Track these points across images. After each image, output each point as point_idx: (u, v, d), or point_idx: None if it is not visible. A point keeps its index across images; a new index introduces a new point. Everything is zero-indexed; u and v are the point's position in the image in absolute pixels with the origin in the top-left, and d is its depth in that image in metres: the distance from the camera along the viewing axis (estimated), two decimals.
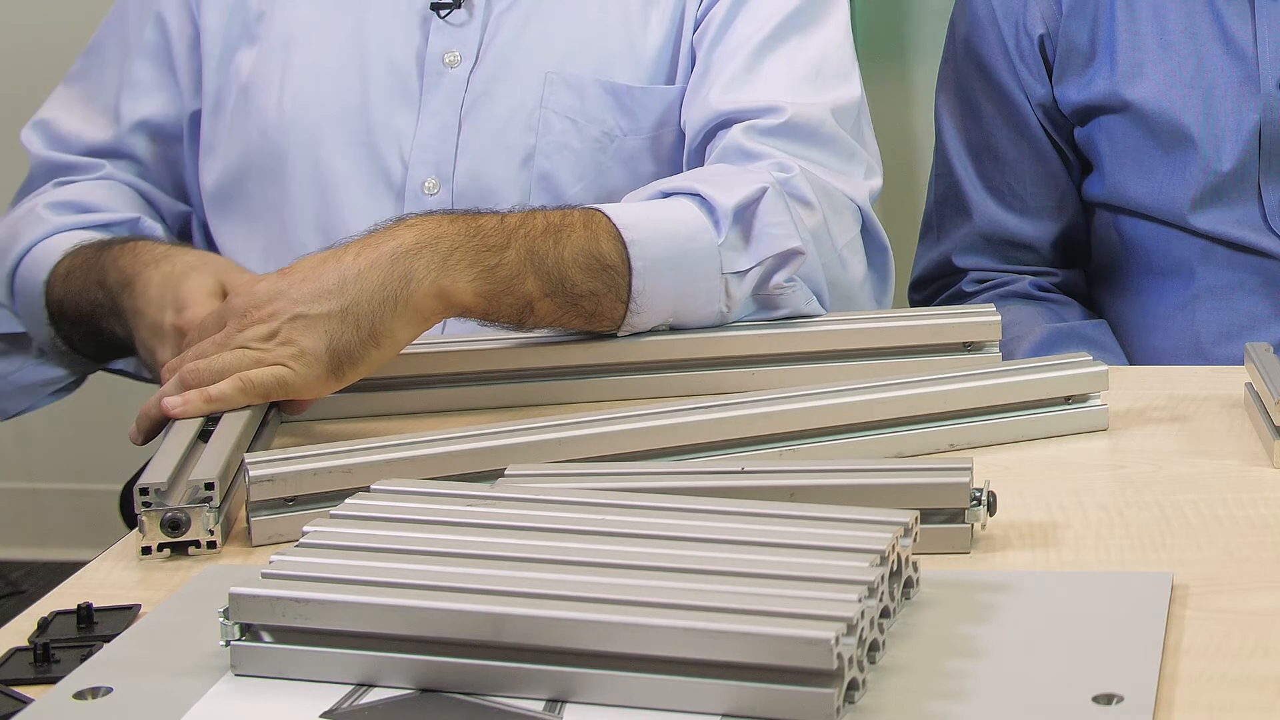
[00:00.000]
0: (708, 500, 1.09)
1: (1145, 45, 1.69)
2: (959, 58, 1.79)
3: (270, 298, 1.37)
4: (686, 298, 1.47)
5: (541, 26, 1.68)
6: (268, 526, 1.22)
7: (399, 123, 1.67)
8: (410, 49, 1.68)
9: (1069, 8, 1.72)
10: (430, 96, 1.67)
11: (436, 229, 1.40)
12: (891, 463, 1.18)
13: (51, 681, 1.01)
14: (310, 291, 1.37)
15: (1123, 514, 1.20)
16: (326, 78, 1.68)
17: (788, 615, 0.93)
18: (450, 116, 1.66)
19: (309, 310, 1.36)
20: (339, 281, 1.37)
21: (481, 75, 1.67)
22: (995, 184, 1.79)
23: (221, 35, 1.71)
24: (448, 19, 1.67)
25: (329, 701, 0.97)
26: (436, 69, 1.67)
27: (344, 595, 0.99)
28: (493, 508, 1.09)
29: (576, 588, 0.97)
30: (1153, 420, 1.37)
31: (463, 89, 1.67)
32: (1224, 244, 1.68)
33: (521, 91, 1.67)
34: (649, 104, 1.68)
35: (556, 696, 0.96)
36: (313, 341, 1.36)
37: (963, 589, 1.07)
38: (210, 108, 1.71)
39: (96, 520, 1.91)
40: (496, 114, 1.67)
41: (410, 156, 1.66)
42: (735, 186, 1.50)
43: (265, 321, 1.37)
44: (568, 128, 1.67)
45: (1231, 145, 1.66)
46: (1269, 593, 1.07)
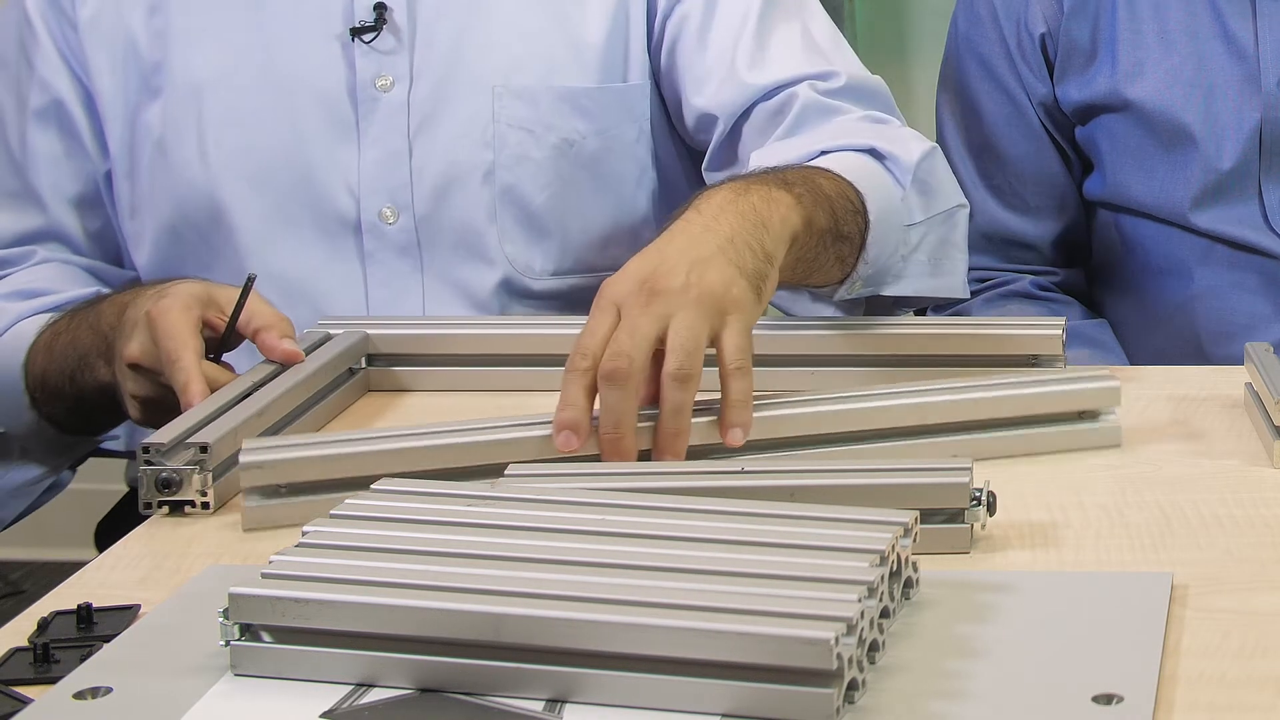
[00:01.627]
0: (708, 500, 1.09)
1: (1146, 44, 1.69)
2: (960, 56, 1.80)
3: (655, 263, 1.27)
4: (886, 248, 1.49)
5: (477, 40, 1.64)
6: (259, 513, 1.23)
7: (340, 155, 1.62)
8: (336, 78, 1.63)
9: (1070, 7, 1.72)
10: (369, 124, 1.62)
11: (736, 184, 1.37)
12: (891, 463, 1.18)
13: (51, 681, 1.01)
14: (686, 242, 1.30)
15: (1123, 514, 1.20)
16: (249, 121, 1.62)
17: (788, 615, 0.93)
18: (397, 142, 1.62)
19: (701, 253, 1.28)
20: (703, 228, 1.31)
21: (422, 96, 1.63)
22: (996, 183, 1.79)
23: (120, 94, 1.64)
24: (372, 43, 1.62)
25: (329, 701, 0.97)
26: (370, 95, 1.62)
27: (344, 595, 0.99)
28: (493, 508, 1.09)
29: (576, 588, 0.97)
30: (1153, 420, 1.37)
31: (404, 112, 1.62)
32: (1224, 243, 1.68)
33: (470, 108, 1.63)
34: (604, 103, 1.66)
35: (556, 696, 0.96)
36: (727, 272, 1.28)
37: (963, 589, 1.07)
38: (123, 170, 1.65)
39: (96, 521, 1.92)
40: (447, 133, 1.63)
41: (360, 188, 1.62)
42: (908, 143, 1.55)
43: (669, 277, 1.26)
44: (524, 138, 1.64)
45: (1232, 144, 1.66)
46: (1269, 593, 1.07)
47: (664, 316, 1.25)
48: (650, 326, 1.24)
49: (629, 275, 1.27)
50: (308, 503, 1.23)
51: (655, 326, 1.24)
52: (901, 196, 1.52)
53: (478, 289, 1.64)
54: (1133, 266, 1.75)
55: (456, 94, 1.63)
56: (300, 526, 1.08)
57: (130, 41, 1.64)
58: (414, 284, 1.63)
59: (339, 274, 1.62)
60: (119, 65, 1.64)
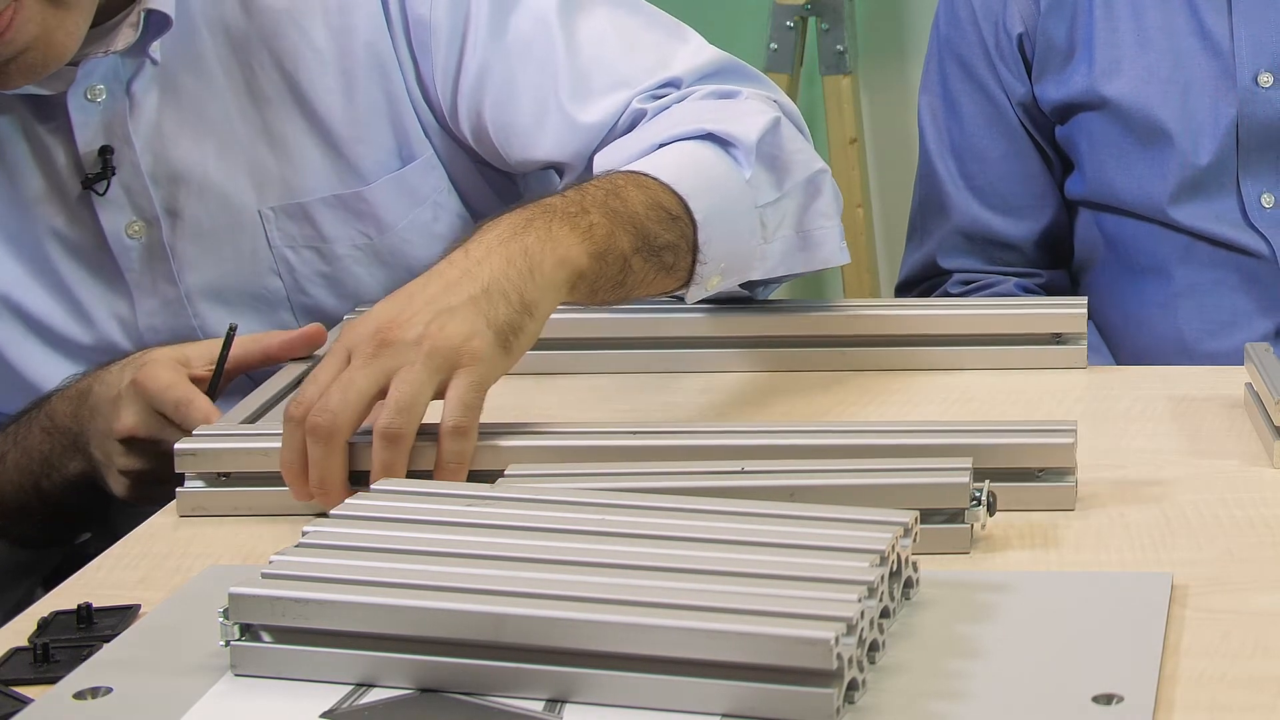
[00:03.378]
0: (708, 500, 1.09)
1: (1123, 42, 1.70)
2: (941, 58, 1.80)
3: (398, 310, 1.21)
4: (734, 239, 1.41)
5: (225, 167, 1.54)
6: (190, 500, 1.26)
7: (117, 310, 1.54)
8: (89, 233, 1.52)
9: (1047, 6, 1.72)
10: (135, 275, 1.53)
11: (518, 217, 1.28)
12: (892, 463, 1.18)
13: (51, 681, 1.01)
14: (440, 288, 1.22)
15: (1123, 514, 1.20)
16: (24, 291, 1.53)
17: (788, 615, 0.93)
18: (169, 289, 1.54)
19: (450, 302, 1.21)
20: (463, 272, 1.23)
21: (183, 236, 1.53)
22: (978, 183, 1.79)
23: None
24: (106, 194, 1.50)
25: (329, 701, 0.97)
26: (124, 245, 1.52)
27: (344, 595, 0.99)
28: (493, 508, 1.09)
29: (576, 588, 0.97)
30: (1153, 420, 1.37)
31: (168, 258, 1.53)
32: (1204, 240, 1.69)
33: (242, 239, 1.54)
34: (382, 199, 1.56)
35: (556, 696, 0.96)
36: (470, 324, 1.21)
37: (963, 589, 1.07)
38: None
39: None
40: (225, 270, 1.54)
41: (145, 340, 1.52)
42: (746, 119, 1.45)
43: (405, 328, 1.20)
44: (310, 257, 1.55)
45: (1209, 140, 1.67)
46: (1269, 593, 1.07)
47: (388, 370, 1.19)
48: (367, 381, 1.18)
49: (369, 320, 1.22)
50: (253, 494, 1.25)
51: (373, 382, 1.19)
52: (747, 179, 1.43)
53: None
54: (1115, 265, 1.75)
55: (220, 228, 1.54)
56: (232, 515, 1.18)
57: None
58: None
59: None
60: None
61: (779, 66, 2.81)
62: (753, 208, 1.43)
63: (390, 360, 1.19)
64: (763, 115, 1.46)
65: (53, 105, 1.51)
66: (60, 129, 1.52)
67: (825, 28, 2.80)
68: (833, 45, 2.81)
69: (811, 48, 2.84)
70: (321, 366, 1.21)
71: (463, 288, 1.22)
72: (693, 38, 1.57)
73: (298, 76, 1.54)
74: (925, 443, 1.20)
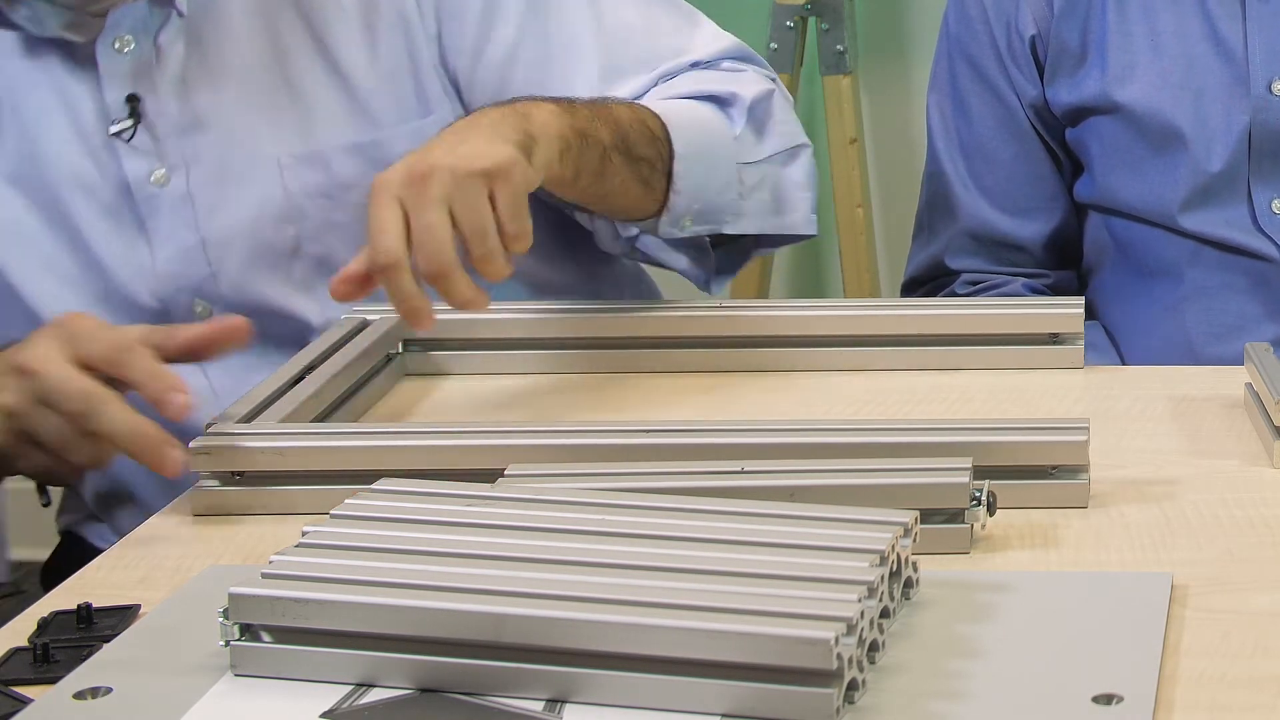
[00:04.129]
0: (708, 500, 1.09)
1: (1136, 47, 1.69)
2: (951, 57, 1.80)
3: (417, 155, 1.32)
4: (711, 184, 1.51)
5: (245, 116, 1.56)
6: (204, 499, 1.27)
7: (135, 258, 1.55)
8: (111, 181, 1.54)
9: (1060, 9, 1.72)
10: (155, 222, 1.54)
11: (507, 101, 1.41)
12: (891, 463, 1.18)
13: (51, 681, 1.01)
14: (447, 134, 1.36)
15: (1123, 514, 1.20)
16: (34, 239, 1.55)
17: (788, 615, 0.93)
18: (189, 236, 1.55)
19: (462, 136, 1.34)
20: (466, 124, 1.37)
21: (203, 184, 1.55)
22: (986, 184, 1.79)
23: None
24: (132, 142, 1.53)
25: (329, 701, 0.97)
26: (147, 193, 1.54)
27: (344, 595, 0.99)
28: (493, 508, 1.09)
29: (576, 588, 0.97)
30: (1153, 420, 1.37)
31: (189, 205, 1.55)
32: (1213, 245, 1.68)
33: (259, 187, 1.55)
34: (400, 149, 1.51)
35: (556, 696, 0.96)
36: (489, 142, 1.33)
37: (963, 589, 1.07)
38: None
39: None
40: (241, 218, 1.55)
41: (164, 288, 1.54)
42: (745, 84, 1.57)
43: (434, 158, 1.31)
44: (325, 205, 1.56)
45: (1221, 146, 1.66)
46: (1269, 593, 1.07)
47: (445, 199, 1.29)
48: (441, 217, 1.28)
49: (396, 170, 1.31)
50: (256, 492, 1.27)
51: (443, 213, 1.29)
52: (735, 135, 1.53)
53: None
54: (1124, 268, 1.75)
55: (240, 176, 1.55)
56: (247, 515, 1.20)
57: None
58: (253, 361, 1.52)
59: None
60: None
61: (779, 66, 2.80)
62: (734, 162, 1.53)
63: (438, 188, 1.29)
64: (760, 85, 1.57)
65: (80, 55, 1.55)
66: (87, 78, 1.55)
67: (825, 28, 2.80)
68: (833, 45, 2.81)
69: (811, 48, 2.84)
70: (380, 217, 1.29)
71: (469, 129, 1.35)
72: (705, 22, 1.64)
73: (321, 29, 1.57)
74: (931, 440, 1.20)
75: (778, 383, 1.49)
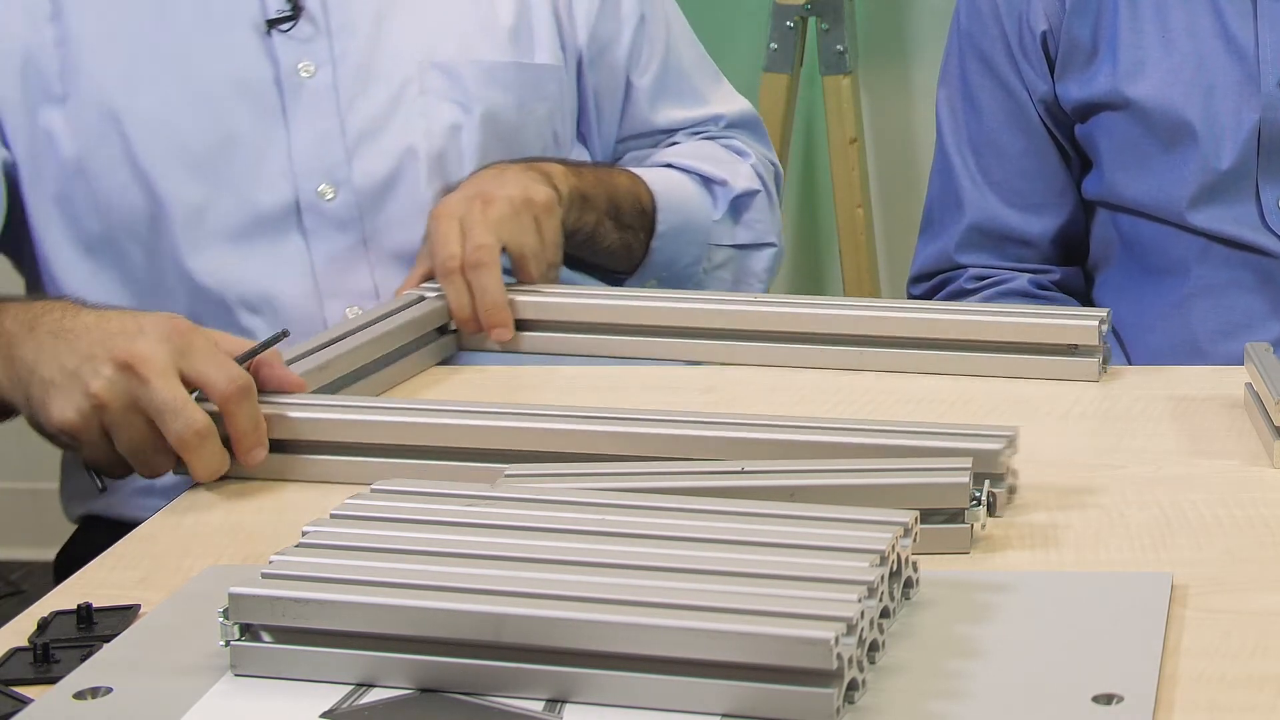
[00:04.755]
0: (708, 500, 1.09)
1: (1147, 43, 1.69)
2: (961, 52, 1.80)
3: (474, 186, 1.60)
4: (680, 258, 1.77)
5: (396, 21, 1.68)
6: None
7: (271, 141, 1.63)
8: (258, 69, 1.64)
9: (1072, 5, 1.72)
10: (296, 109, 1.64)
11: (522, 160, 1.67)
12: (891, 463, 1.18)
13: (51, 681, 1.01)
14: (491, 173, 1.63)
15: (1123, 514, 1.20)
16: (175, 120, 1.62)
17: (788, 615, 0.93)
18: (327, 122, 1.64)
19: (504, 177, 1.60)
20: (498, 170, 1.63)
21: (347, 78, 1.65)
22: (995, 179, 1.79)
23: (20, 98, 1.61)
24: (290, 32, 1.64)
25: (329, 701, 0.97)
26: (295, 83, 1.64)
27: (344, 595, 0.99)
28: (493, 508, 1.09)
29: (576, 588, 0.97)
30: (1153, 420, 1.37)
31: (331, 95, 1.65)
32: (1221, 242, 1.69)
33: (397, 85, 1.67)
34: (518, 78, 1.72)
35: (556, 696, 0.96)
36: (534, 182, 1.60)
37: (963, 589, 1.07)
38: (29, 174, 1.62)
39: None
40: (378, 110, 1.66)
41: (295, 169, 1.63)
42: (739, 176, 1.81)
43: (495, 189, 1.57)
44: (452, 109, 1.69)
45: (1231, 144, 1.67)
46: (1269, 593, 1.07)
47: (498, 220, 1.55)
48: (490, 234, 1.54)
49: (455, 197, 1.58)
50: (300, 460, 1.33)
51: (494, 233, 1.54)
52: (715, 219, 1.79)
53: None
54: (1130, 265, 1.75)
55: (381, 73, 1.67)
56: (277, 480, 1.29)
57: (26, 50, 1.61)
58: (359, 255, 1.65)
59: (284, 255, 1.63)
60: (13, 70, 1.61)
61: (779, 66, 2.81)
62: (707, 242, 1.78)
63: (495, 211, 1.56)
64: (750, 181, 1.82)
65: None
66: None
67: (825, 28, 2.80)
68: (833, 45, 2.81)
69: (811, 48, 2.84)
70: (441, 234, 1.56)
71: (505, 173, 1.61)
72: (722, 79, 1.91)
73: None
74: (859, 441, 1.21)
75: (779, 380, 1.49)
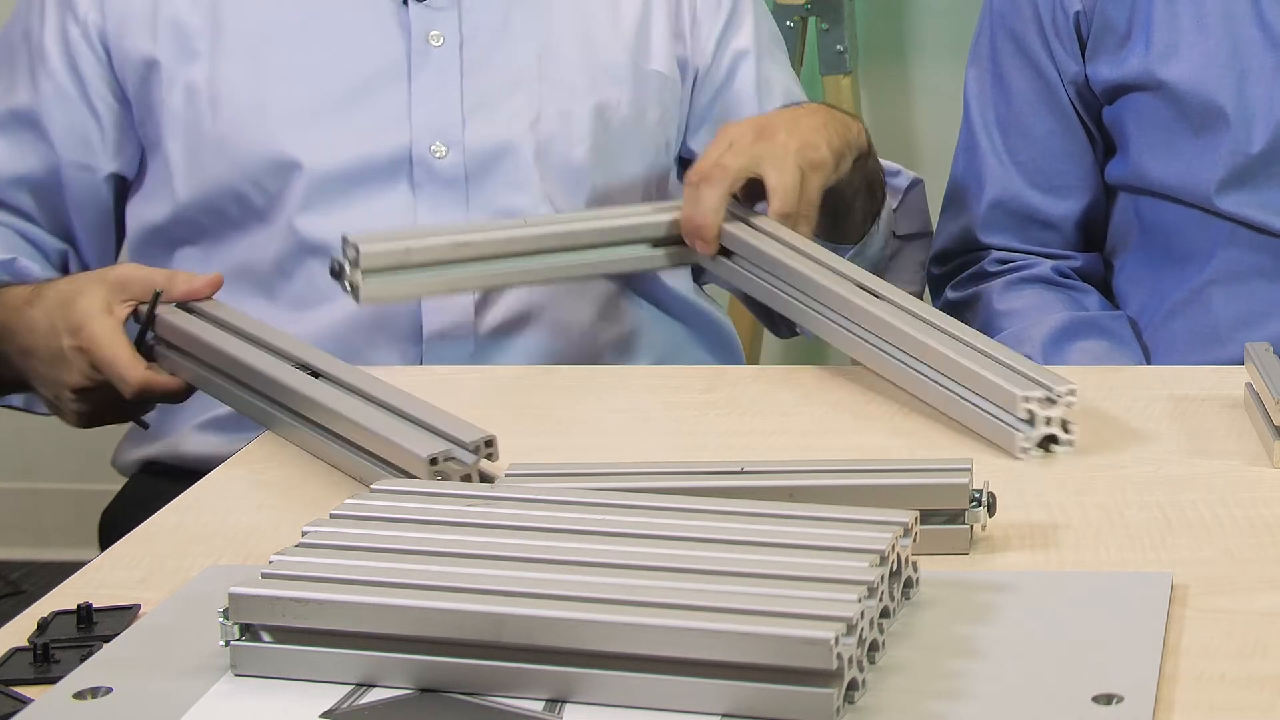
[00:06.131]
0: (708, 500, 1.09)
1: (1182, 26, 1.69)
2: (993, 31, 1.80)
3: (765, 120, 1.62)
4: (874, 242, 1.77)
5: (525, 4, 1.74)
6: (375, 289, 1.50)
7: (394, 98, 1.70)
8: (391, 34, 1.71)
9: None
10: (421, 74, 1.70)
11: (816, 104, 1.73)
12: (891, 463, 1.18)
13: (51, 681, 1.01)
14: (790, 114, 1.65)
15: (1123, 514, 1.20)
16: (306, 73, 1.69)
17: (788, 615, 0.93)
18: (449, 88, 1.70)
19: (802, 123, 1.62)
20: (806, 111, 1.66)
21: (474, 52, 1.71)
22: (1021, 159, 1.79)
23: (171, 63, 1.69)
24: (426, 3, 1.71)
25: (329, 701, 0.97)
26: (423, 49, 1.70)
27: (344, 595, 0.99)
28: (493, 508, 1.09)
29: (576, 588, 0.97)
30: (1153, 420, 1.37)
31: (456, 62, 1.71)
32: (1248, 227, 1.68)
33: (517, 65, 1.73)
34: (634, 79, 1.76)
35: (556, 696, 0.96)
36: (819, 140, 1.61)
37: (963, 589, 1.07)
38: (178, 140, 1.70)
39: (96, 520, 1.92)
40: (496, 84, 1.72)
41: (412, 125, 1.69)
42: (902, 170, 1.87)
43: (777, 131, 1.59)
44: (567, 96, 1.73)
45: (1262, 129, 1.66)
46: (1269, 593, 1.07)
47: (758, 156, 1.57)
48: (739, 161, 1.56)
49: (746, 123, 1.62)
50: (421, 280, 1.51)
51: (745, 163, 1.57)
52: (894, 208, 1.80)
53: None
54: (1151, 251, 1.75)
55: (504, 51, 1.73)
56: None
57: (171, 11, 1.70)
58: (460, 214, 1.70)
59: (391, 205, 1.69)
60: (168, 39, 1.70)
61: None
62: (891, 230, 1.80)
63: (762, 149, 1.58)
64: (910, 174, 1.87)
65: None
66: None
67: (825, 27, 2.80)
68: (833, 45, 2.81)
69: (811, 47, 2.84)
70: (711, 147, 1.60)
71: (807, 117, 1.64)
72: None
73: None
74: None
75: (779, 379, 1.49)
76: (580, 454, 1.35)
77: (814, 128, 1.61)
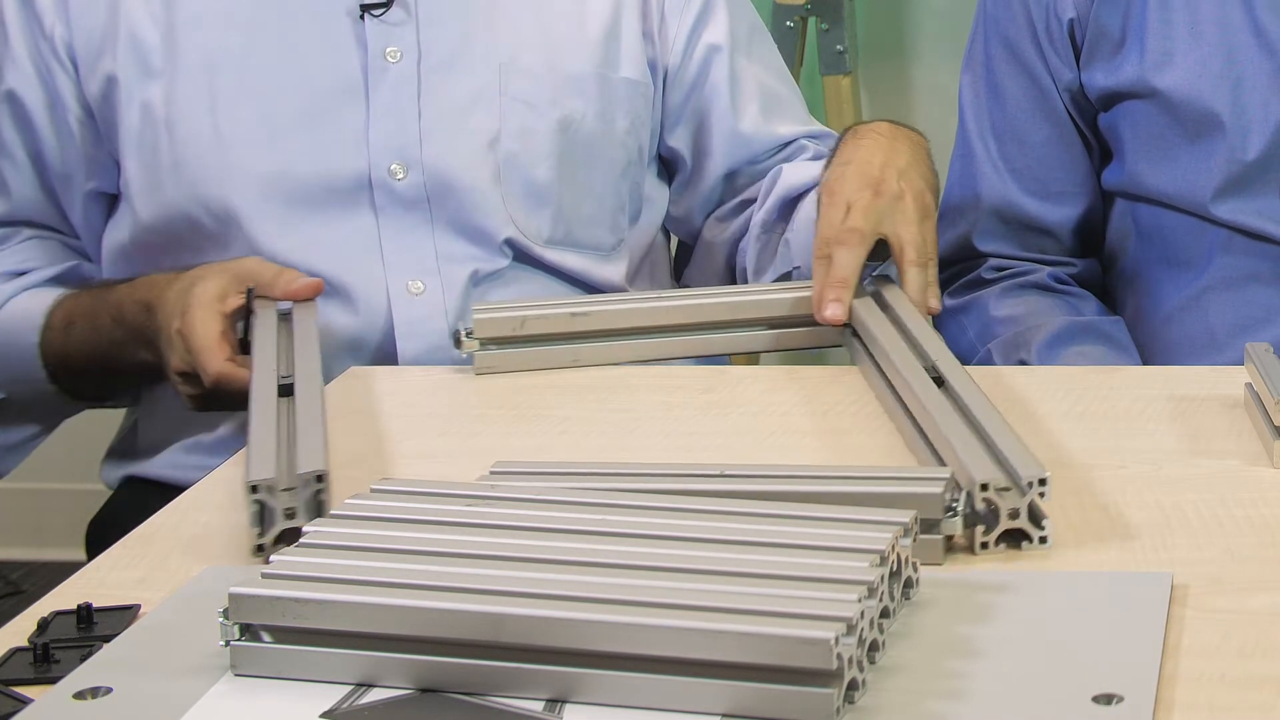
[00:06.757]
0: (707, 500, 1.09)
1: (1176, 34, 1.69)
2: (986, 38, 1.79)
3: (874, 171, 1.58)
4: None
5: (486, 18, 1.72)
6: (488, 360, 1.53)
7: (350, 119, 1.68)
8: (346, 51, 1.69)
9: None
10: (378, 91, 1.68)
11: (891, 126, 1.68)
12: (869, 470, 1.17)
13: (51, 681, 1.01)
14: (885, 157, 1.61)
15: (1123, 514, 1.20)
16: (262, 93, 1.67)
17: (788, 615, 0.93)
18: (406, 106, 1.68)
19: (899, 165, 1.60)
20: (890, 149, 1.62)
21: (432, 67, 1.69)
22: (1017, 166, 1.78)
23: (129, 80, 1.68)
24: (382, 18, 1.68)
25: (329, 701, 0.97)
26: (380, 65, 1.68)
27: (344, 595, 0.99)
28: (493, 508, 1.09)
29: (576, 588, 0.98)
30: (1153, 420, 1.37)
31: (413, 81, 1.69)
32: (1243, 234, 1.68)
33: (478, 81, 1.70)
34: (600, 90, 1.73)
35: (556, 696, 0.96)
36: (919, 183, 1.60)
37: (963, 589, 1.07)
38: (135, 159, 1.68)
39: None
40: (455, 102, 1.70)
41: (370, 146, 1.67)
42: None
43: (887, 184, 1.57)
44: (529, 112, 1.71)
45: (1258, 136, 1.66)
46: (1269, 593, 1.07)
47: (882, 212, 1.55)
48: (869, 221, 1.54)
49: (852, 179, 1.57)
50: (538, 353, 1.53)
51: (873, 222, 1.54)
52: None
53: (487, 242, 1.70)
54: (1148, 257, 1.75)
55: (465, 67, 1.70)
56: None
57: (130, 27, 1.68)
58: (424, 235, 1.68)
59: (353, 229, 1.68)
60: (127, 51, 1.68)
61: None
62: None
63: (885, 206, 1.56)
64: None
65: None
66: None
67: (825, 28, 2.80)
68: (833, 45, 2.81)
69: (811, 48, 2.84)
70: (830, 213, 1.56)
71: (899, 156, 1.61)
72: None
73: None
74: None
75: (779, 379, 1.49)
76: (580, 454, 1.35)
77: (910, 165, 1.60)
